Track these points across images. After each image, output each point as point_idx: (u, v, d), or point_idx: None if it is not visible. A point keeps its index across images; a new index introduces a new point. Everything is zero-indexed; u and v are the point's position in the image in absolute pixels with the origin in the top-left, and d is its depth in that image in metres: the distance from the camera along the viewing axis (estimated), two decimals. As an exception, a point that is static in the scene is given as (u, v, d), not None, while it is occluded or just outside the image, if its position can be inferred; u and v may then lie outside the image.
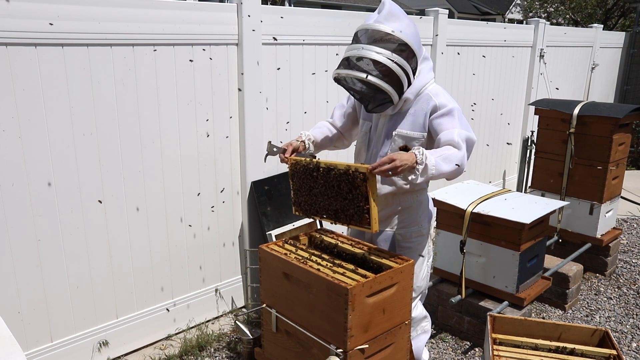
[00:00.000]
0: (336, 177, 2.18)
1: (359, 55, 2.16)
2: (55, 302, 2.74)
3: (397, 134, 2.33)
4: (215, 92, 3.20)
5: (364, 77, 2.14)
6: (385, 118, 2.36)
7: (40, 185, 2.58)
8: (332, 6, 21.99)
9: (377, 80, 2.14)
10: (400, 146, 2.32)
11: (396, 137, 2.33)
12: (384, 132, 2.37)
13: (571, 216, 4.18)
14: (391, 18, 2.18)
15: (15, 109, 2.44)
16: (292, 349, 2.34)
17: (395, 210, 2.42)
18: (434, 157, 2.08)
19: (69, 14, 2.52)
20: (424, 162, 2.06)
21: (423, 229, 2.48)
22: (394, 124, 2.35)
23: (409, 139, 2.32)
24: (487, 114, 5.48)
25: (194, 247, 3.29)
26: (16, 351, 1.25)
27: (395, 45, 2.15)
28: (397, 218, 2.44)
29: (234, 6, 3.17)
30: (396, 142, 2.34)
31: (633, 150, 7.75)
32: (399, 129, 2.33)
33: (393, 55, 2.14)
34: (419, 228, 2.46)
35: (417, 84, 2.28)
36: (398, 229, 2.44)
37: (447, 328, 3.42)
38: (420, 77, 2.29)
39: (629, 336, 3.42)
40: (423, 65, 2.31)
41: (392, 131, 2.35)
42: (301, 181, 2.37)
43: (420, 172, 2.06)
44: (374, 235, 2.46)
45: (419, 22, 4.43)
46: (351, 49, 2.21)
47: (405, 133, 2.32)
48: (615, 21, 15.07)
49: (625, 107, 4.02)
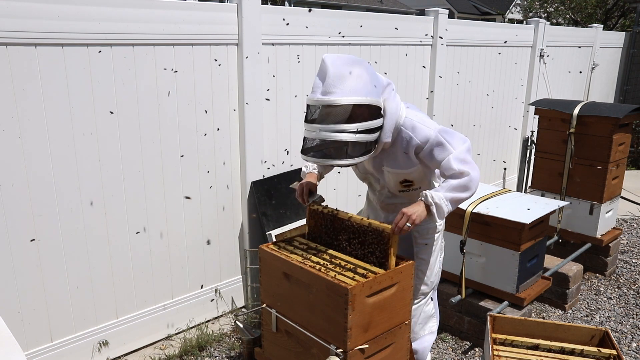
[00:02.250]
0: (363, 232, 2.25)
1: (318, 137, 2.06)
2: (55, 302, 2.74)
3: (387, 171, 2.35)
4: (215, 92, 3.20)
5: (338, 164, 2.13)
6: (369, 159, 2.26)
7: (40, 185, 2.58)
8: (332, 6, 21.99)
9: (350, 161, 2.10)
10: (400, 180, 2.34)
11: (387, 173, 2.36)
12: (374, 169, 2.41)
13: (571, 216, 4.18)
14: (337, 82, 2.00)
15: (15, 109, 2.44)
16: (292, 349, 2.34)
17: None
18: (442, 193, 2.12)
19: (69, 14, 2.52)
20: (433, 202, 2.10)
21: (439, 225, 2.51)
22: (380, 162, 2.35)
23: (402, 174, 2.32)
24: (487, 114, 5.48)
25: (194, 247, 3.29)
26: (16, 351, 1.25)
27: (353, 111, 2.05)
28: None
29: (234, 6, 3.17)
30: (389, 176, 2.36)
31: (633, 150, 7.75)
32: (387, 167, 2.34)
33: (353, 126, 2.03)
34: (435, 224, 2.49)
35: (389, 122, 2.16)
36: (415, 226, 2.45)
37: (447, 328, 3.42)
38: (389, 113, 2.16)
39: (629, 336, 3.42)
40: (386, 95, 2.17)
41: (380, 167, 2.37)
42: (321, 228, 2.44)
43: (437, 213, 2.12)
44: None
45: (419, 22, 4.44)
46: (309, 129, 2.08)
47: (393, 171, 2.33)
48: (615, 21, 15.06)
49: (625, 107, 4.02)
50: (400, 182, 2.35)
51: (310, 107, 2.10)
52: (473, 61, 5.11)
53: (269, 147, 3.52)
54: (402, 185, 2.36)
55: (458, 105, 5.06)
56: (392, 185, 2.39)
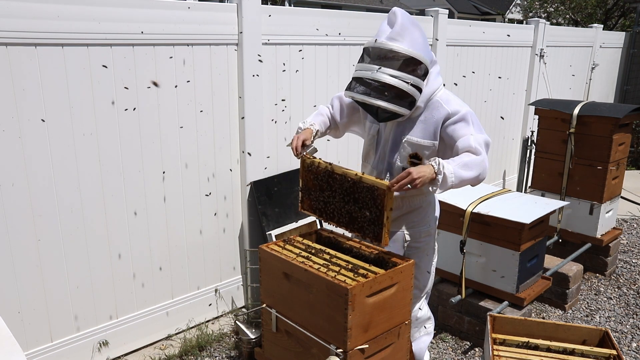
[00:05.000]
0: (357, 188, 2.19)
1: (372, 78, 2.11)
2: (55, 302, 2.74)
3: (407, 141, 2.30)
4: (215, 92, 3.20)
5: (382, 105, 2.11)
6: (393, 124, 2.33)
7: (40, 185, 2.58)
8: (332, 6, 21.99)
9: (394, 106, 2.11)
10: (410, 154, 2.30)
11: (405, 144, 2.31)
12: (391, 139, 2.35)
13: (571, 216, 4.18)
14: (404, 33, 2.11)
15: (15, 109, 2.44)
16: (292, 349, 2.34)
17: (405, 212, 2.42)
18: (452, 166, 2.06)
19: (69, 14, 2.52)
20: (442, 172, 2.03)
21: (431, 229, 2.48)
22: (402, 130, 2.31)
23: (419, 147, 2.28)
24: (487, 114, 5.48)
25: (194, 247, 3.29)
26: (16, 351, 1.25)
27: (408, 64, 2.11)
28: (407, 219, 2.43)
29: (234, 6, 3.17)
30: (405, 149, 2.31)
31: (633, 150, 7.75)
32: (409, 136, 2.29)
33: (408, 77, 2.10)
34: (428, 228, 2.46)
35: (426, 91, 2.23)
36: (407, 229, 2.43)
37: (447, 328, 3.42)
38: (429, 84, 2.24)
39: (629, 336, 3.42)
40: (432, 69, 2.26)
41: (400, 138, 2.31)
42: (314, 182, 2.37)
43: (440, 183, 2.05)
44: None
45: (419, 22, 4.43)
46: (364, 69, 2.14)
47: (415, 141, 2.28)
48: (615, 21, 15.07)
49: (625, 107, 4.02)
50: (410, 156, 2.30)
51: (369, 50, 2.16)
52: (473, 61, 5.11)
53: (269, 147, 3.52)
54: (409, 159, 2.32)
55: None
56: (401, 158, 2.33)
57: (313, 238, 2.55)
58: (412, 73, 2.12)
